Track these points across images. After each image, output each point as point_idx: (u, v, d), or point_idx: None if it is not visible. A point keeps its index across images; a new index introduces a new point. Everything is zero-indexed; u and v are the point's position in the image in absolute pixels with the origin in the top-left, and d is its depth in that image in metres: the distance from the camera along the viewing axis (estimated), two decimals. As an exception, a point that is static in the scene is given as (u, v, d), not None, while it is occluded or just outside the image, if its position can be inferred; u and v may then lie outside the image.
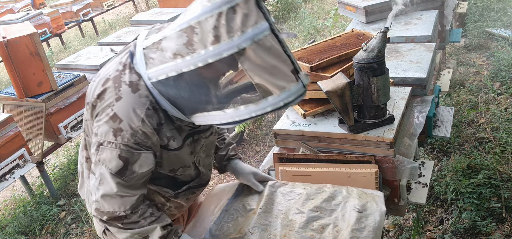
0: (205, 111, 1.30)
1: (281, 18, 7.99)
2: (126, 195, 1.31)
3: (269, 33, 1.13)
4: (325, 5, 8.18)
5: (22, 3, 9.90)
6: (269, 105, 1.19)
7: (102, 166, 1.30)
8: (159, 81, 1.27)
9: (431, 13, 3.06)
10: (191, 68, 1.19)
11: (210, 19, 1.15)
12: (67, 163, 4.57)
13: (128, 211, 1.32)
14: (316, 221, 1.56)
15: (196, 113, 1.31)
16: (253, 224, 1.60)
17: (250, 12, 1.13)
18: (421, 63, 2.39)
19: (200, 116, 1.31)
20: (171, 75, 1.23)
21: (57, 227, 3.56)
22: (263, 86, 1.20)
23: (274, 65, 1.16)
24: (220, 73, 1.41)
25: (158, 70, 1.26)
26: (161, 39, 1.25)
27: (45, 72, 3.70)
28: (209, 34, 1.16)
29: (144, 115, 1.28)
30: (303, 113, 1.98)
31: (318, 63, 1.92)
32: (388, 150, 1.78)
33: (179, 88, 1.28)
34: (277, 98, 1.18)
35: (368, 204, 1.58)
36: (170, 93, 1.29)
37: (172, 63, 1.22)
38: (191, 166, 1.51)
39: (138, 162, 1.30)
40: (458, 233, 2.61)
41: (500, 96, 3.89)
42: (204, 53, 1.17)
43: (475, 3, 5.73)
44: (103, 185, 1.31)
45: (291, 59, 1.17)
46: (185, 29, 1.19)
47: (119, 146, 1.27)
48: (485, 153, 3.18)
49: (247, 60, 1.17)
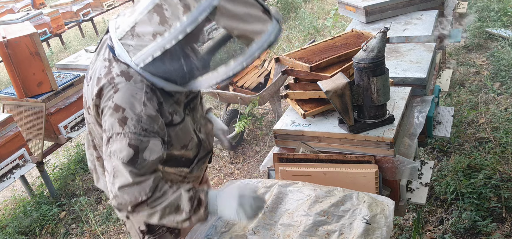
0: (199, 76, 1.34)
1: (281, 18, 7.98)
2: (142, 180, 1.33)
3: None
4: (325, 5, 8.17)
5: (22, 3, 9.91)
6: (255, 51, 1.27)
7: (114, 159, 1.32)
8: (147, 64, 1.30)
9: (431, 13, 3.06)
10: (173, 43, 1.25)
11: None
12: (67, 163, 4.57)
13: (149, 194, 1.33)
14: (322, 226, 1.54)
15: (190, 81, 1.35)
16: (258, 222, 1.59)
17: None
18: (421, 63, 2.39)
19: (196, 82, 1.35)
20: (156, 55, 1.27)
21: (57, 227, 3.56)
22: (243, 36, 1.28)
23: (246, 12, 1.24)
24: (200, 36, 1.47)
25: (142, 54, 1.29)
26: (133, 25, 1.30)
27: (45, 72, 3.71)
28: (178, 6, 1.23)
29: (144, 98, 1.32)
30: (303, 114, 1.98)
31: (318, 63, 1.92)
32: (388, 150, 1.78)
33: (168, 63, 1.31)
34: (260, 42, 1.26)
35: (377, 216, 1.54)
36: (161, 70, 1.32)
37: (154, 44, 1.27)
38: (194, 135, 1.55)
39: (148, 149, 1.32)
40: (458, 233, 2.61)
41: (500, 96, 3.89)
42: (181, 25, 1.23)
43: (475, 3, 5.74)
44: (118, 178, 1.32)
45: (259, 2, 1.27)
46: (153, 8, 1.26)
47: (127, 135, 1.30)
48: (485, 153, 3.18)
49: (221, 17, 1.24)
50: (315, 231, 1.52)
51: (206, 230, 1.63)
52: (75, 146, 4.81)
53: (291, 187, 1.75)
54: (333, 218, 1.56)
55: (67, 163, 4.55)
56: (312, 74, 1.93)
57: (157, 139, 1.35)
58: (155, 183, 1.35)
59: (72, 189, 4.05)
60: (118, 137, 1.31)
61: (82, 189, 3.99)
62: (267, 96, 3.92)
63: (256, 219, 1.57)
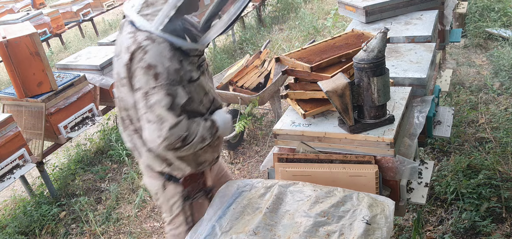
0: (209, 29, 1.62)
1: (281, 18, 7.99)
2: (180, 120, 1.61)
3: None
4: (325, 5, 8.18)
5: (22, 3, 9.91)
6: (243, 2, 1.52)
7: (156, 108, 1.56)
8: (165, 26, 1.55)
9: (431, 13, 3.06)
10: (181, 2, 1.53)
11: None
12: (67, 163, 4.57)
13: (186, 131, 1.63)
14: (322, 227, 1.54)
15: (202, 36, 1.64)
16: (258, 223, 1.59)
17: None
18: (421, 63, 2.39)
19: (207, 36, 1.63)
20: (171, 15, 1.54)
21: (57, 227, 3.56)
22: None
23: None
24: None
25: (159, 18, 1.55)
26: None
27: (45, 72, 3.71)
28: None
29: (169, 55, 1.56)
30: (303, 114, 1.98)
31: (318, 63, 1.92)
32: (388, 150, 1.78)
33: (179, 22, 1.62)
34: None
35: (378, 216, 1.55)
36: (177, 29, 1.59)
37: (166, 6, 1.55)
38: (208, 92, 1.78)
39: (178, 95, 1.60)
40: (458, 233, 2.61)
41: (500, 96, 3.89)
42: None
43: (475, 3, 5.74)
44: (165, 122, 1.57)
45: None
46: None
47: (164, 86, 1.56)
48: (485, 153, 3.18)
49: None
50: (316, 232, 1.51)
51: (207, 230, 1.63)
52: (75, 146, 4.81)
53: (291, 187, 1.75)
54: (333, 219, 1.56)
55: (67, 163, 4.55)
56: (312, 74, 1.93)
57: (181, 87, 1.61)
58: (186, 121, 1.63)
59: (72, 189, 4.05)
60: (155, 89, 1.55)
61: (82, 189, 3.99)
62: (267, 96, 3.92)
63: None
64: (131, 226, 3.34)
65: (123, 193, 3.79)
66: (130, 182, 3.88)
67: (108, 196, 3.81)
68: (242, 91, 4.02)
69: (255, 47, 6.60)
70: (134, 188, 3.82)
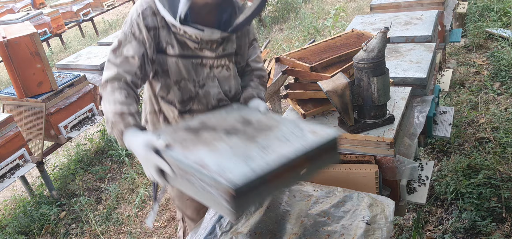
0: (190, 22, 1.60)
1: (281, 18, 7.99)
2: (110, 68, 1.62)
3: None
4: (325, 5, 8.18)
5: (22, 3, 9.91)
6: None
7: None
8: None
9: (431, 13, 3.06)
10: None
11: None
12: (67, 163, 4.57)
13: (106, 79, 1.60)
14: (323, 227, 1.53)
15: (183, 22, 1.58)
16: (258, 223, 1.59)
17: None
18: (421, 63, 2.39)
19: (180, 12, 1.56)
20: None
21: (57, 227, 3.56)
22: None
23: None
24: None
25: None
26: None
27: (45, 72, 3.71)
28: None
29: (140, 11, 1.62)
30: (303, 114, 1.98)
31: (318, 63, 1.92)
32: (388, 150, 1.78)
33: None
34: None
35: (378, 216, 1.54)
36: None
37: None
38: (190, 81, 1.72)
39: (128, 45, 1.62)
40: (458, 233, 2.61)
41: (500, 96, 3.89)
42: None
43: (475, 3, 5.74)
44: (106, 61, 1.65)
45: None
46: None
47: (122, 32, 1.66)
48: (485, 153, 3.18)
49: None
50: (316, 232, 1.52)
51: (207, 231, 1.63)
52: (75, 146, 4.81)
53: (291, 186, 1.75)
54: (334, 219, 1.56)
55: (67, 163, 4.55)
56: (312, 74, 1.93)
57: (139, 44, 1.61)
58: (115, 76, 1.58)
59: (72, 189, 4.05)
60: (120, 31, 1.68)
61: (82, 189, 3.99)
62: (267, 96, 3.92)
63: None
64: (131, 226, 3.34)
65: (123, 193, 3.79)
66: (130, 182, 3.88)
67: (108, 196, 3.81)
68: (242, 91, 4.02)
69: (255, 47, 6.58)
70: (134, 188, 3.82)
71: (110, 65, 1.62)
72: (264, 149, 1.34)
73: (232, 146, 1.38)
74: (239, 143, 1.40)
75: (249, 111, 1.73)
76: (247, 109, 1.76)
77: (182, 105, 1.76)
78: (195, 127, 1.57)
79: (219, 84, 1.78)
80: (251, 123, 1.58)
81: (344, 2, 8.10)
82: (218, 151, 1.36)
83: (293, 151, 1.32)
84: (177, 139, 1.47)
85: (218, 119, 1.64)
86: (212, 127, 1.56)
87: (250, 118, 1.62)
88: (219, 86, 1.78)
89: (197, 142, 1.44)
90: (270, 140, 1.40)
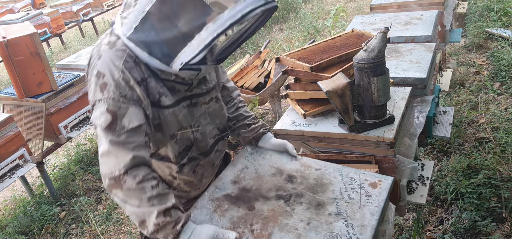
0: (178, 53, 1.28)
1: (281, 18, 7.99)
2: (120, 153, 1.26)
3: None
4: (325, 5, 8.18)
5: (22, 3, 9.92)
6: (227, 20, 1.18)
7: (97, 125, 1.29)
8: (132, 32, 1.29)
9: (431, 13, 3.06)
10: (149, 6, 1.24)
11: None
12: (67, 163, 4.57)
13: (122, 170, 1.24)
14: None
15: (172, 60, 1.29)
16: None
17: None
18: (421, 63, 2.39)
19: (177, 61, 1.28)
20: (139, 20, 1.27)
21: (57, 227, 3.56)
22: (218, 3, 1.22)
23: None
24: (181, 6, 1.33)
25: (129, 22, 1.30)
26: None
27: (45, 72, 3.71)
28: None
29: (122, 66, 1.29)
30: (303, 114, 1.98)
31: (318, 63, 1.92)
32: (388, 150, 1.78)
33: (150, 32, 1.29)
34: (233, 10, 1.18)
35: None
36: (144, 40, 1.29)
37: (136, 9, 1.28)
38: (188, 129, 1.49)
39: (127, 115, 1.28)
40: (458, 233, 2.61)
41: (500, 96, 3.89)
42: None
43: (475, 3, 5.74)
44: (100, 145, 1.28)
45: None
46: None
47: (106, 100, 1.27)
48: (485, 153, 3.18)
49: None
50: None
51: None
52: (75, 146, 4.81)
53: None
54: None
55: (67, 163, 4.55)
56: (312, 74, 1.93)
57: (137, 107, 1.31)
58: (132, 163, 1.26)
59: (72, 189, 4.05)
60: (99, 103, 1.28)
61: (82, 189, 3.99)
62: (267, 96, 3.92)
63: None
64: (131, 226, 3.34)
65: (123, 193, 3.78)
66: (130, 182, 3.88)
67: (108, 196, 3.81)
68: (242, 91, 4.02)
69: (255, 47, 6.60)
70: (134, 188, 3.81)
71: (117, 149, 1.25)
72: (344, 220, 1.30)
73: (306, 220, 1.30)
74: (308, 214, 1.33)
75: (275, 157, 1.65)
76: (272, 155, 1.68)
77: (180, 158, 1.52)
78: (237, 195, 1.46)
79: (211, 120, 1.59)
80: (294, 177, 1.52)
81: (344, 2, 8.10)
82: (295, 231, 1.28)
83: (374, 218, 1.31)
84: (232, 218, 1.36)
85: (251, 177, 1.54)
86: (256, 191, 1.46)
87: (288, 171, 1.56)
88: (212, 122, 1.60)
89: (259, 219, 1.33)
90: (339, 205, 1.36)
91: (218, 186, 1.54)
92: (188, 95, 1.48)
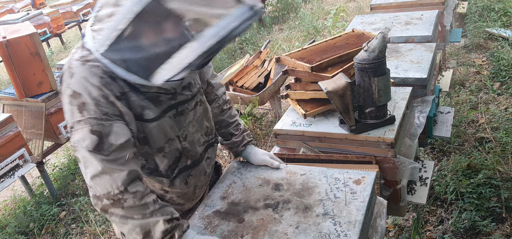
0: (158, 68, 1.19)
1: (281, 18, 7.99)
2: (113, 171, 1.22)
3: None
4: (325, 5, 8.18)
5: (22, 3, 9.92)
6: (210, 38, 1.08)
7: (80, 149, 1.23)
8: (106, 49, 1.21)
9: (431, 13, 3.06)
10: (124, 24, 1.15)
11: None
12: (67, 163, 4.57)
13: (121, 188, 1.22)
14: None
15: (152, 74, 1.21)
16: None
17: None
18: (422, 63, 2.39)
19: (157, 76, 1.20)
20: (113, 38, 1.18)
21: (57, 227, 3.55)
22: (198, 20, 1.12)
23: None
24: (159, 25, 1.26)
25: (102, 38, 1.21)
26: (99, 9, 1.22)
27: (45, 72, 3.70)
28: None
29: (99, 83, 1.23)
30: (304, 114, 1.98)
31: (319, 63, 1.92)
32: (389, 150, 1.78)
33: (126, 50, 1.22)
34: (217, 27, 1.07)
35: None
36: (120, 57, 1.23)
37: (109, 25, 1.18)
38: (175, 139, 1.43)
39: (113, 133, 1.23)
40: (458, 233, 2.61)
41: (500, 96, 3.89)
42: (130, 4, 1.12)
43: (475, 3, 5.74)
44: (89, 167, 1.23)
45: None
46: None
47: (88, 121, 1.21)
48: (485, 153, 3.18)
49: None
50: None
51: None
52: (75, 146, 4.81)
53: None
54: None
55: (67, 163, 4.55)
56: (313, 74, 1.93)
57: (121, 122, 1.26)
58: (130, 178, 1.23)
59: (72, 189, 4.05)
60: (80, 124, 1.22)
61: (82, 189, 3.99)
62: (267, 96, 3.92)
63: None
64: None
65: (123, 193, 3.79)
66: (130, 182, 3.88)
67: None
68: (242, 91, 4.02)
69: (255, 47, 6.59)
70: (134, 188, 3.81)
71: (110, 167, 1.21)
72: (332, 219, 1.34)
73: (295, 225, 1.34)
74: (297, 218, 1.37)
75: (261, 168, 1.68)
76: (258, 166, 1.71)
77: (170, 171, 1.47)
78: (226, 210, 1.49)
79: (199, 127, 1.53)
80: (281, 185, 1.55)
81: (344, 2, 8.10)
82: (285, 236, 1.31)
83: (360, 213, 1.35)
84: (223, 233, 1.39)
85: (239, 190, 1.57)
86: (245, 204, 1.49)
87: (274, 180, 1.59)
88: (200, 129, 1.53)
89: (249, 229, 1.37)
90: (326, 206, 1.40)
91: (208, 204, 1.55)
92: (172, 103, 1.41)
